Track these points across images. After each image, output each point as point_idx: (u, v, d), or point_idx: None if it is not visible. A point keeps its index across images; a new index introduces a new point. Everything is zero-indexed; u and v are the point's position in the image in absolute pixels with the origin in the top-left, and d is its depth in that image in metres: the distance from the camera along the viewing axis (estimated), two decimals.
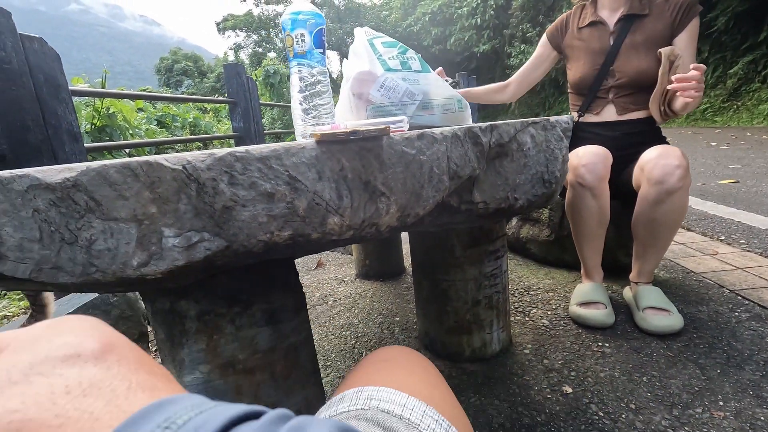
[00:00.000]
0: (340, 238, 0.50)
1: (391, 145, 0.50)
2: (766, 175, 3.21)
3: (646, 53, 1.32)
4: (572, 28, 1.49)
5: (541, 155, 0.79)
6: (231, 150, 0.42)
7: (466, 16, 17.60)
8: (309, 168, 0.45)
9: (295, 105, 0.70)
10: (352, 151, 0.47)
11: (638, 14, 1.34)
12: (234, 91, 3.94)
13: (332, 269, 2.11)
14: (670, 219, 1.19)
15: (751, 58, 8.48)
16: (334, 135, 0.45)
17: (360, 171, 0.48)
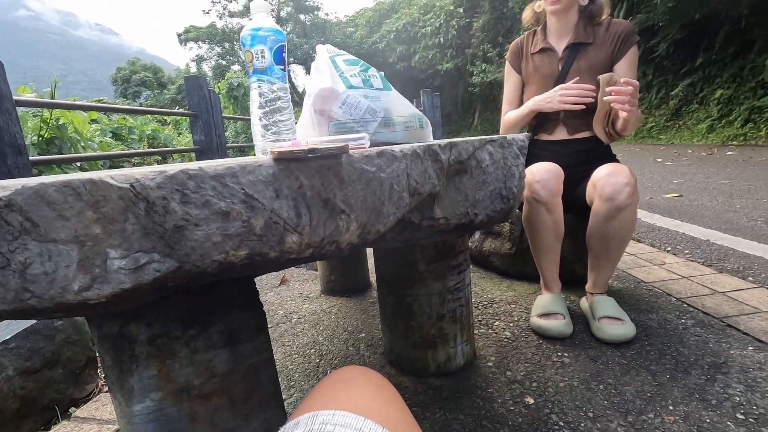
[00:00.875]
0: (299, 256, 0.49)
1: (351, 162, 0.50)
2: (705, 190, 3.45)
3: (590, 79, 1.41)
4: (527, 55, 1.56)
5: (499, 172, 0.82)
6: (183, 167, 0.40)
7: (430, 35, 18.12)
8: (266, 186, 0.44)
9: (254, 121, 0.69)
10: (311, 169, 0.47)
11: (583, 43, 1.43)
12: (195, 103, 3.85)
13: (297, 285, 2.07)
14: (621, 233, 1.25)
15: (690, 82, 9.20)
16: (292, 153, 0.44)
17: (319, 189, 0.48)
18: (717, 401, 0.96)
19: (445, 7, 17.95)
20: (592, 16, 1.44)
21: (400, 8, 20.58)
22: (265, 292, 2.01)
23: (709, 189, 3.47)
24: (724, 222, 2.47)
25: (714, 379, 1.04)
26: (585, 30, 1.43)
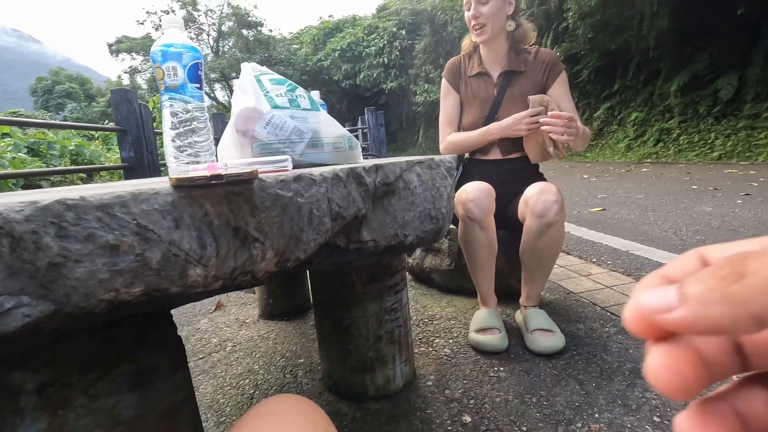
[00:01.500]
0: (207, 289, 0.45)
1: (264, 188, 0.48)
2: (625, 204, 3.77)
3: (522, 105, 1.50)
4: (464, 76, 1.62)
5: (428, 193, 0.83)
6: (61, 196, 0.36)
7: (374, 55, 18.53)
8: (164, 215, 0.40)
9: (167, 142, 0.64)
10: (218, 196, 0.44)
11: (515, 71, 1.51)
12: (123, 118, 3.60)
13: (233, 310, 1.96)
14: (551, 248, 1.32)
15: (609, 105, 10.12)
16: (191, 179, 0.41)
17: (228, 216, 0.45)
18: (636, 406, 1.02)
19: (388, 28, 18.50)
20: (518, 42, 1.53)
21: (344, 28, 20.89)
22: (198, 319, 1.88)
23: (629, 203, 3.79)
24: (640, 233, 2.70)
25: (634, 384, 1.11)
26: (516, 58, 1.52)
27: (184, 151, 0.64)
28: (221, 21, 26.05)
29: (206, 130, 0.66)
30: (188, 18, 25.74)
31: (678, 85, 8.16)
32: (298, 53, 22.81)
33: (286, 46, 24.36)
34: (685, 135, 7.88)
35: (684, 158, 7.37)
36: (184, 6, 25.54)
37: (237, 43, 25.29)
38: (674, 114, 8.33)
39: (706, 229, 2.69)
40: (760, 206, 3.21)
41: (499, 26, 1.46)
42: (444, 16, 15.96)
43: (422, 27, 17.45)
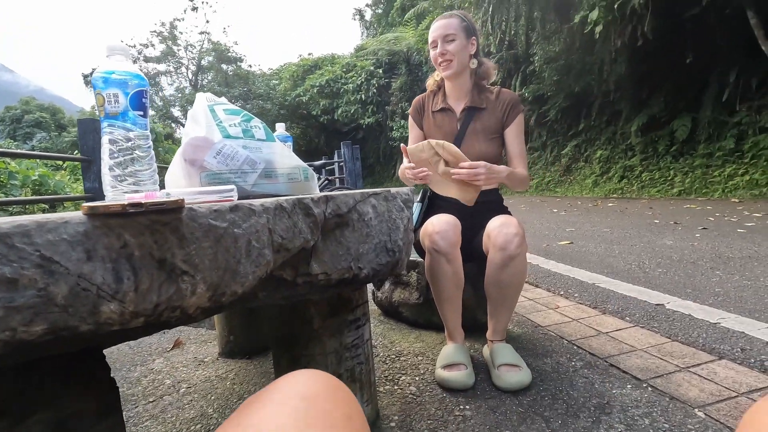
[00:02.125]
0: (126, 327, 0.42)
1: (195, 218, 0.45)
2: (592, 237, 3.87)
3: (484, 140, 1.55)
4: (428, 111, 1.67)
5: (384, 225, 0.82)
6: None
7: (352, 92, 19.01)
8: (73, 246, 0.37)
9: (104, 171, 0.62)
10: (141, 226, 0.41)
11: (477, 107, 1.57)
12: (90, 148, 3.52)
13: (192, 348, 1.86)
14: (514, 280, 1.32)
15: (576, 143, 10.60)
16: (106, 208, 0.39)
17: (151, 247, 0.42)
18: None
19: (366, 67, 19.11)
20: (481, 79, 1.60)
21: (323, 65, 21.45)
22: (153, 359, 1.77)
23: (595, 236, 3.90)
24: (606, 266, 2.75)
25: (599, 421, 1.09)
26: (479, 96, 1.58)
27: (124, 181, 0.61)
28: (201, 56, 26.36)
29: (149, 159, 0.64)
30: (167, 52, 25.94)
31: (638, 126, 8.65)
32: (277, 88, 23.16)
33: (266, 81, 24.73)
34: (646, 172, 8.29)
35: (647, 194, 7.71)
36: (164, 40, 25.79)
37: (216, 77, 25.53)
38: (636, 152, 8.78)
39: (668, 261, 2.77)
40: (717, 240, 3.35)
41: (463, 63, 1.53)
42: (419, 56, 16.67)
43: (398, 66, 18.13)
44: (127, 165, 0.62)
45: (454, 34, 1.49)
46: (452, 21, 1.51)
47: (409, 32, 18.45)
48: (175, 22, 25.93)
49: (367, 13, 32.90)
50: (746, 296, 2.00)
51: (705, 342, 1.52)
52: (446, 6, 13.13)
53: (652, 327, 1.69)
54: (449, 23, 1.50)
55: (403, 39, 18.36)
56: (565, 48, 9.69)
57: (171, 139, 18.90)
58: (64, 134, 26.62)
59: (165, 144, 13.05)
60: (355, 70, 19.42)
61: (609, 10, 7.65)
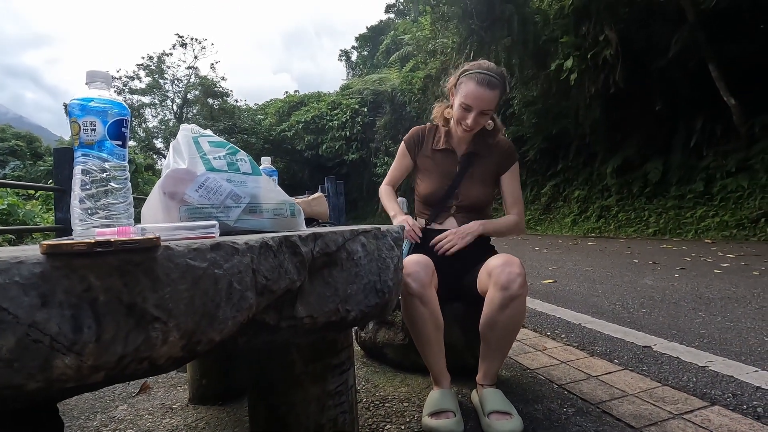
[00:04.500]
0: (83, 383, 0.36)
1: (171, 257, 0.41)
2: (574, 276, 3.89)
3: (480, 184, 1.58)
4: (427, 146, 1.66)
5: (374, 264, 0.78)
6: None
7: (337, 128, 19.37)
8: (26, 290, 0.32)
9: (74, 203, 0.57)
10: (109, 266, 0.37)
11: (479, 154, 1.58)
12: (65, 178, 3.40)
13: (160, 394, 1.72)
14: (513, 322, 1.28)
15: (555, 183, 10.91)
16: (70, 246, 0.34)
17: (120, 291, 0.37)
18: None
19: (351, 105, 19.59)
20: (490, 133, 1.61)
21: (309, 102, 21.90)
22: (115, 405, 1.62)
23: (577, 275, 3.91)
24: (590, 306, 2.74)
25: None
26: (481, 142, 1.60)
27: (94, 214, 0.57)
28: (187, 89, 26.61)
29: (125, 191, 0.60)
30: (153, 85, 26.11)
31: (613, 167, 8.99)
32: (262, 123, 23.40)
33: (251, 116, 25.00)
34: (622, 212, 8.53)
35: (624, 233, 7.89)
36: (151, 74, 26.02)
37: (201, 111, 25.68)
38: (612, 193, 9.07)
39: (650, 302, 2.78)
40: (695, 280, 3.41)
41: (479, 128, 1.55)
42: (403, 97, 17.20)
43: (383, 106, 18.64)
44: (99, 197, 0.57)
45: (491, 110, 1.48)
46: (496, 95, 1.46)
47: (393, 74, 19.13)
48: (163, 57, 26.28)
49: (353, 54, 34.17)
50: (730, 338, 2.00)
51: (696, 387, 1.49)
52: (429, 51, 13.74)
53: (642, 370, 1.66)
54: (494, 98, 1.46)
55: (388, 80, 18.99)
56: (543, 93, 10.15)
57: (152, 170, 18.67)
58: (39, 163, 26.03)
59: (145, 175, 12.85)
60: (341, 107, 19.88)
61: (582, 59, 8.12)
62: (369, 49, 30.78)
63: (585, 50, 8.14)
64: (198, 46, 26.24)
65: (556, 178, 11.02)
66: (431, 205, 1.62)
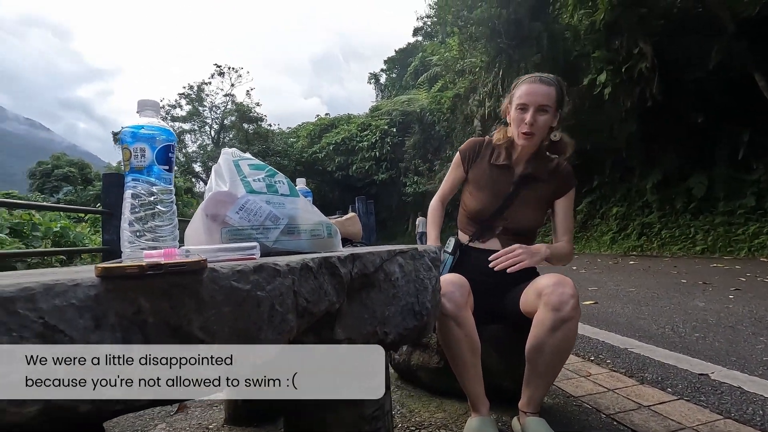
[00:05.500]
0: (131, 407, 0.37)
1: (216, 279, 0.41)
2: (617, 297, 3.70)
3: (533, 210, 1.51)
4: (483, 159, 1.59)
5: (411, 285, 0.76)
6: None
7: (366, 149, 19.66)
8: (81, 313, 0.33)
9: (123, 226, 0.59)
10: (158, 289, 0.38)
11: (537, 176, 1.51)
12: (112, 201, 3.60)
13: (197, 413, 1.74)
14: (563, 346, 1.21)
15: (591, 200, 10.56)
16: (123, 269, 0.35)
17: (167, 314, 0.38)
18: None
19: (380, 126, 19.90)
20: (555, 152, 1.54)
21: (339, 124, 22.42)
22: (154, 424, 1.65)
23: (620, 296, 3.72)
24: (637, 329, 2.59)
25: None
26: (540, 164, 1.52)
27: (142, 236, 0.59)
28: (224, 115, 27.87)
29: (171, 213, 0.62)
30: (193, 112, 27.52)
31: (653, 183, 8.62)
32: (294, 146, 24.10)
33: (284, 139, 25.82)
34: (666, 229, 8.12)
35: (668, 251, 7.49)
36: (191, 102, 27.47)
37: (237, 135, 26.76)
38: (653, 209, 8.67)
39: (704, 325, 2.60)
40: (753, 302, 3.16)
41: (542, 136, 1.47)
42: (431, 117, 17.32)
43: (412, 126, 18.82)
44: (147, 220, 0.59)
45: (549, 105, 1.39)
46: (551, 90, 1.39)
47: (422, 94, 19.35)
48: (203, 85, 27.75)
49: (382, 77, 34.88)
50: None
51: (763, 421, 1.36)
52: (458, 71, 13.84)
53: (699, 401, 1.53)
54: (549, 93, 1.38)
55: (417, 100, 19.21)
56: (574, 108, 9.95)
57: (191, 193, 19.48)
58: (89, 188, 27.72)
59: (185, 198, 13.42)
60: (370, 129, 20.21)
61: (616, 73, 7.93)
62: (397, 71, 31.36)
63: (619, 64, 7.96)
64: (234, 74, 27.57)
65: (591, 195, 10.67)
66: (477, 222, 1.56)
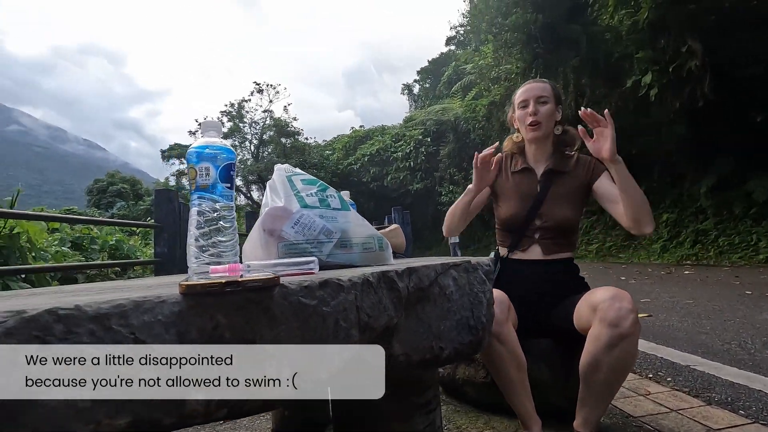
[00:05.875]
0: (209, 419, 0.38)
1: (285, 295, 0.42)
2: (673, 310, 3.48)
3: (567, 203, 1.47)
4: (505, 172, 1.60)
5: (465, 299, 0.75)
6: (54, 305, 0.31)
7: (401, 159, 19.73)
8: (167, 328, 0.35)
9: (190, 241, 0.62)
10: (233, 305, 0.39)
11: (559, 170, 1.51)
12: (163, 215, 3.80)
13: (244, 423, 1.78)
14: (621, 365, 1.15)
15: None
16: (204, 286, 0.36)
17: (242, 329, 0.39)
18: None
19: (414, 136, 19.94)
20: (566, 145, 1.55)
21: (373, 136, 22.67)
22: None
23: (677, 309, 3.49)
24: (698, 345, 2.41)
25: None
26: (561, 159, 1.53)
27: (206, 251, 0.61)
28: (263, 131, 28.87)
29: (232, 229, 0.64)
30: (234, 129, 28.70)
31: (707, 187, 8.10)
32: (330, 158, 24.58)
33: (320, 152, 26.39)
34: (723, 237, 7.58)
35: (728, 260, 6.98)
36: (232, 119, 28.69)
37: (275, 150, 27.61)
38: (708, 215, 8.13)
39: None
40: None
41: (549, 128, 1.50)
42: (466, 125, 17.18)
43: (446, 135, 18.72)
44: (211, 236, 0.62)
45: (547, 97, 1.48)
46: (546, 86, 1.51)
47: (456, 103, 19.26)
48: (243, 103, 28.94)
49: (415, 87, 35.03)
50: None
51: None
52: (493, 78, 13.70)
53: None
54: (543, 87, 1.51)
55: (451, 109, 19.13)
56: (617, 111, 9.57)
57: None
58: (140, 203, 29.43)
59: None
60: (404, 139, 20.29)
61: (663, 73, 7.57)
62: (431, 81, 31.42)
63: (665, 64, 7.59)
64: (272, 91, 28.58)
65: None
66: (512, 230, 1.54)
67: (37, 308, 0.30)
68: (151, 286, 0.57)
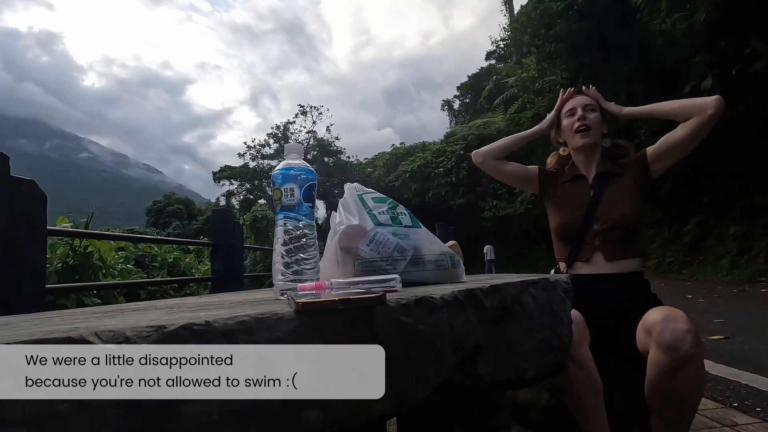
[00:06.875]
0: None
1: (387, 313, 0.42)
2: (754, 331, 3.17)
3: (625, 200, 1.39)
4: (556, 184, 1.55)
5: (546, 318, 0.72)
6: (187, 321, 0.33)
7: (443, 175, 19.65)
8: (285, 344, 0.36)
9: (276, 258, 0.64)
10: (341, 323, 0.39)
11: (611, 173, 1.45)
12: (219, 234, 3.98)
13: None
14: (688, 390, 1.06)
15: (700, 219, 9.36)
16: (320, 304, 0.37)
17: None
18: None
19: (455, 151, 19.84)
20: (620, 157, 1.50)
21: (414, 152, 22.79)
22: None
23: (758, 330, 3.18)
24: None
25: None
26: (612, 163, 1.48)
27: (291, 268, 0.63)
28: (307, 150, 29.87)
29: (314, 247, 0.66)
30: (280, 150, 29.91)
31: None
32: (371, 176, 24.93)
33: (362, 169, 26.88)
34: None
35: None
36: (278, 140, 29.93)
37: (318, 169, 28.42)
38: None
39: None
40: None
41: (598, 136, 1.46)
42: None
43: None
44: (295, 253, 0.64)
45: (594, 105, 1.48)
46: (590, 99, 1.52)
47: (498, 116, 19.03)
48: (288, 125, 30.17)
49: (455, 103, 35.03)
50: None
51: None
52: (536, 90, 13.44)
53: None
54: (589, 98, 1.52)
55: (493, 123, 18.92)
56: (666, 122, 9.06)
57: None
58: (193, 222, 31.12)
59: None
60: (446, 154, 20.23)
61: (724, 77, 7.11)
62: (471, 96, 31.30)
63: (727, 67, 7.13)
64: (316, 112, 29.60)
65: (701, 213, 9.45)
66: (569, 239, 1.46)
67: (175, 323, 0.32)
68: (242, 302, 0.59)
